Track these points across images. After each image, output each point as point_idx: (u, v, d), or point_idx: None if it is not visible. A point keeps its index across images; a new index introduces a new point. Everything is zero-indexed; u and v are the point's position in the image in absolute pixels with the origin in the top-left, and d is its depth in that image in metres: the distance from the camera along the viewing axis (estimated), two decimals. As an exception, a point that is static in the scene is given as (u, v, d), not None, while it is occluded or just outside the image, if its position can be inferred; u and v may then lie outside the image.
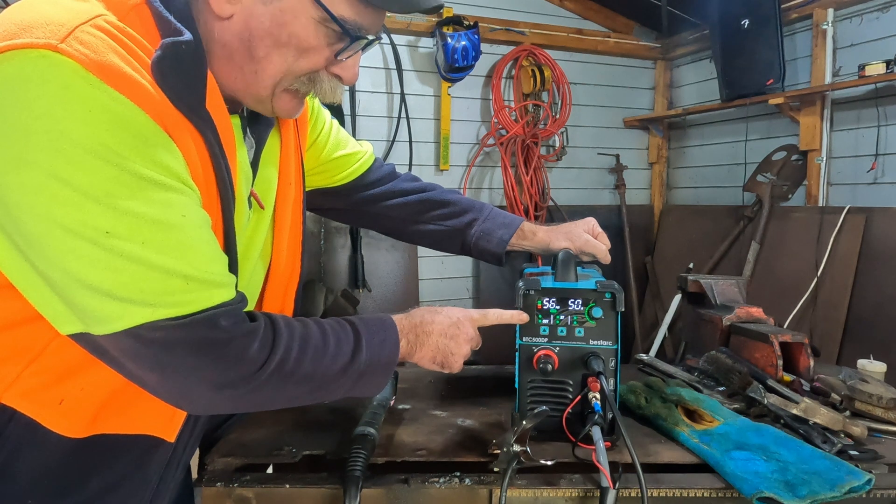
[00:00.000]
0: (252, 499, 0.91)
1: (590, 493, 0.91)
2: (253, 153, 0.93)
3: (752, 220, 3.41)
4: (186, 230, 0.69)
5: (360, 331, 0.86)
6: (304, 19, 0.76)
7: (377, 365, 0.86)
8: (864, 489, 0.87)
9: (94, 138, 0.63)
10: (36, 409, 0.74)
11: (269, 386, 0.76)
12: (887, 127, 2.88)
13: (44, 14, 0.65)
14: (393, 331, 0.90)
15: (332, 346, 0.81)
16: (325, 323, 0.85)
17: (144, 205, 0.66)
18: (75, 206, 0.63)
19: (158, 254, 0.67)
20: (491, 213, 1.32)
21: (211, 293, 0.71)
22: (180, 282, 0.68)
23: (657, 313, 3.94)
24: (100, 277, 0.65)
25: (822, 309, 2.93)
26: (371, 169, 1.28)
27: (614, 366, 1.03)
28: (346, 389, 0.85)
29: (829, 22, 3.10)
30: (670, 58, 4.23)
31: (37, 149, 0.62)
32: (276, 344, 0.76)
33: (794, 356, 1.32)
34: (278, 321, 0.79)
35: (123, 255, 0.65)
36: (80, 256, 0.64)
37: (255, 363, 0.74)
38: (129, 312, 0.66)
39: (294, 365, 0.77)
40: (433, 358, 0.95)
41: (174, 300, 0.68)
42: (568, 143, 4.01)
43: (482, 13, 3.72)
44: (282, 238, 1.00)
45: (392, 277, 3.63)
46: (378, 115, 3.62)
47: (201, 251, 0.71)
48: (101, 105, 0.63)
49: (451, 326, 0.96)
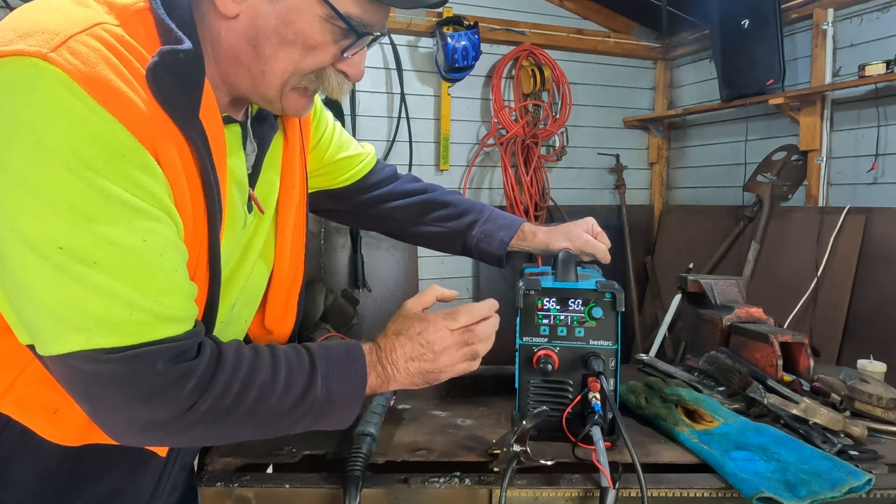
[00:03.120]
0: (252, 499, 0.91)
1: (590, 493, 0.91)
2: (255, 157, 0.93)
3: (752, 220, 3.41)
4: (145, 256, 0.66)
5: (316, 365, 0.79)
6: (309, 17, 0.76)
7: (337, 401, 0.80)
8: (864, 489, 0.87)
9: (69, 150, 0.62)
10: (30, 418, 0.74)
11: (203, 425, 0.72)
12: (887, 127, 2.88)
13: (41, 22, 0.64)
14: (360, 364, 0.83)
15: (281, 383, 0.76)
16: (281, 356, 0.79)
17: (106, 224, 0.64)
18: (36, 217, 0.62)
19: (107, 277, 0.64)
20: (491, 214, 1.32)
21: (155, 326, 0.68)
22: (124, 309, 0.65)
23: (657, 313, 3.94)
24: (43, 294, 0.63)
25: (822, 309, 2.93)
26: (373, 171, 1.29)
27: (614, 366, 1.03)
28: (305, 425, 0.80)
29: (829, 22, 3.10)
30: (670, 58, 4.23)
31: (12, 154, 0.61)
32: (214, 382, 0.71)
33: (794, 356, 1.32)
34: (225, 356, 0.74)
35: (70, 273, 0.63)
36: (31, 269, 0.63)
37: (185, 404, 0.70)
38: (65, 336, 0.64)
39: (233, 402, 0.73)
40: (413, 384, 0.89)
41: (112, 329, 0.65)
42: (568, 143, 4.01)
43: (482, 13, 3.72)
44: (284, 240, 1.00)
45: (392, 277, 3.63)
46: (378, 115, 3.62)
47: (156, 280, 0.68)
48: (82, 118, 0.62)
49: (415, 347, 0.87)
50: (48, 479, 0.76)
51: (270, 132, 0.95)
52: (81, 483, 0.79)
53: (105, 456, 0.79)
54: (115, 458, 0.80)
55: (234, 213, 0.87)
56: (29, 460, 0.75)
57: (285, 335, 1.06)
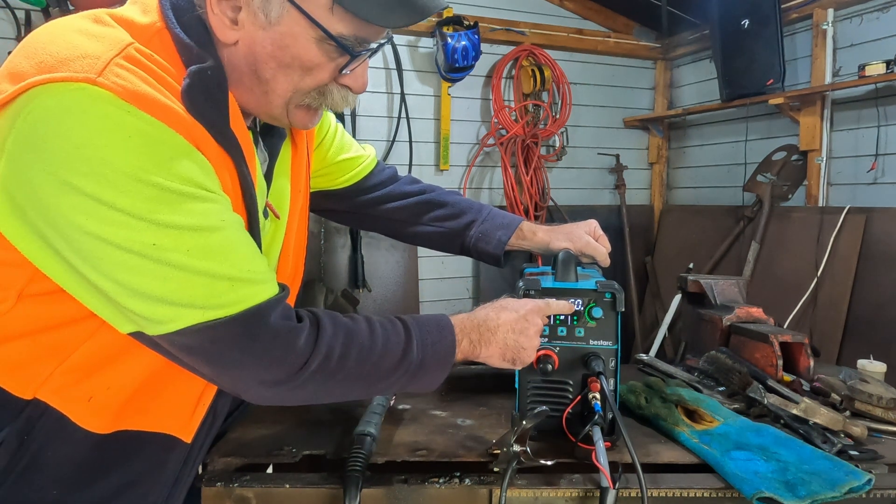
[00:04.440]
0: (252, 499, 0.91)
1: (590, 493, 0.91)
2: (266, 166, 0.95)
3: (752, 220, 3.41)
4: (226, 233, 0.74)
5: (411, 331, 0.87)
6: (303, 41, 0.78)
7: (430, 364, 0.87)
8: (864, 489, 0.87)
9: (132, 162, 0.67)
10: (66, 405, 0.79)
11: (315, 383, 0.80)
12: (887, 127, 2.88)
13: (78, 46, 0.69)
14: (449, 331, 0.90)
15: (379, 346, 0.83)
16: (375, 322, 0.86)
17: (184, 216, 0.70)
18: (122, 225, 0.68)
19: (202, 260, 0.71)
20: (490, 214, 1.32)
21: (255, 290, 0.75)
22: (225, 284, 0.73)
23: (657, 313, 3.94)
24: (151, 286, 0.70)
25: (822, 309, 2.93)
26: (373, 172, 1.30)
27: (614, 366, 1.03)
28: (401, 386, 0.88)
29: (829, 22, 3.10)
30: (670, 58, 4.23)
31: (80, 175, 0.66)
32: (319, 343, 0.79)
33: (794, 356, 1.32)
34: (323, 320, 0.81)
35: (171, 264, 0.70)
36: (131, 268, 0.69)
37: (298, 362, 0.77)
38: (180, 315, 0.71)
39: (338, 364, 0.80)
40: (503, 355, 0.94)
41: (222, 301, 0.73)
42: (568, 143, 4.01)
43: (482, 13, 3.72)
44: (289, 244, 1.02)
45: (392, 277, 3.63)
46: (378, 115, 3.62)
47: (241, 252, 0.75)
48: (138, 130, 0.68)
49: (519, 321, 0.95)
50: (80, 464, 0.80)
51: (279, 140, 0.98)
52: (111, 468, 0.83)
53: (133, 442, 0.84)
54: (142, 444, 0.84)
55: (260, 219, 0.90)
56: (63, 446, 0.80)
57: None
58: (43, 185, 0.67)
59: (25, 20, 2.78)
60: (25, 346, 0.77)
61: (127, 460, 0.84)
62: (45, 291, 0.75)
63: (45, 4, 2.69)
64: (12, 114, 0.68)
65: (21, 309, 0.76)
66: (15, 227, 0.71)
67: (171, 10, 0.77)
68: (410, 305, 3.65)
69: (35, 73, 0.67)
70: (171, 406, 0.86)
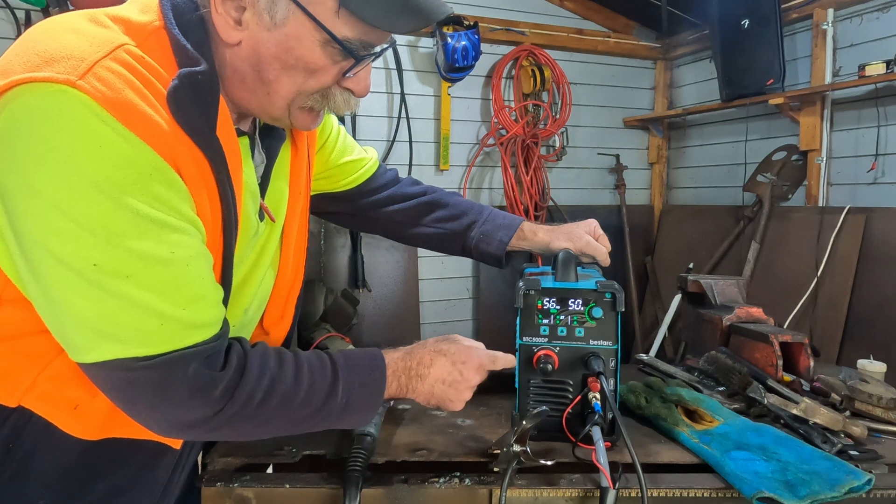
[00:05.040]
0: (252, 499, 0.91)
1: (590, 493, 0.91)
2: (263, 168, 0.94)
3: (752, 220, 3.41)
4: (174, 267, 0.70)
5: (338, 376, 0.84)
6: (308, 43, 0.77)
7: (357, 405, 0.86)
8: (864, 489, 0.87)
9: (100, 173, 0.65)
10: (52, 412, 0.78)
11: (231, 427, 0.78)
12: (887, 127, 2.88)
13: (66, 46, 0.67)
14: (380, 372, 0.89)
15: (303, 390, 0.81)
16: (304, 365, 0.83)
17: (137, 240, 0.67)
18: (70, 237, 0.65)
19: (139, 289, 0.68)
20: (490, 214, 1.32)
21: (185, 334, 0.72)
22: (155, 321, 0.69)
23: (657, 313, 3.94)
24: (80, 307, 0.67)
25: (822, 309, 2.93)
26: (375, 175, 1.29)
27: (614, 366, 1.03)
28: (327, 425, 0.86)
29: (829, 22, 3.10)
30: (670, 58, 4.23)
31: (45, 179, 0.64)
32: (238, 392, 0.76)
33: (794, 356, 1.32)
34: (251, 364, 0.78)
35: (105, 288, 0.67)
36: (66, 286, 0.67)
37: (213, 409, 0.75)
38: (100, 346, 0.69)
39: (256, 410, 0.78)
40: (427, 401, 0.94)
41: (145, 339, 0.69)
42: (568, 143, 4.00)
43: (482, 13, 3.72)
44: (289, 246, 1.01)
45: (392, 277, 3.63)
46: (378, 115, 3.62)
47: (185, 289, 0.72)
48: (111, 142, 0.65)
49: (452, 372, 0.93)
50: (68, 471, 0.79)
51: (278, 142, 0.97)
52: (99, 475, 0.81)
53: (122, 449, 0.83)
54: (131, 451, 0.83)
55: (248, 223, 0.89)
56: (50, 453, 0.78)
57: (282, 336, 1.07)
58: (10, 186, 0.66)
59: (25, 20, 2.78)
60: (6, 352, 0.76)
61: (116, 468, 0.83)
62: (22, 296, 0.73)
63: (44, 4, 2.69)
64: None
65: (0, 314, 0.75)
66: None
67: (170, 10, 0.76)
68: (410, 305, 3.65)
69: (21, 71, 0.65)
70: None
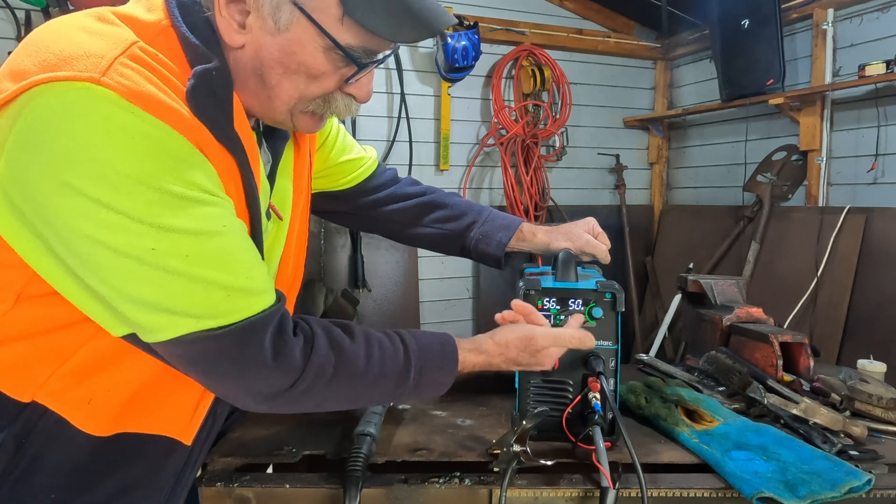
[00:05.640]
0: (252, 499, 0.91)
1: (590, 493, 0.91)
2: (269, 167, 0.95)
3: (752, 220, 3.41)
4: (226, 239, 0.73)
5: (411, 362, 0.88)
6: (311, 49, 0.78)
7: (427, 389, 0.91)
8: (864, 489, 0.87)
9: (135, 165, 0.67)
10: (65, 408, 0.79)
11: (306, 400, 0.82)
12: (887, 127, 2.88)
13: (82, 45, 0.68)
14: (451, 359, 0.92)
15: (374, 372, 0.85)
16: (374, 345, 0.86)
17: (185, 220, 0.69)
18: (121, 229, 0.67)
19: (200, 266, 0.71)
20: (490, 215, 1.32)
21: (250, 301, 0.75)
22: (221, 293, 0.72)
23: (657, 313, 3.94)
24: (147, 292, 0.70)
25: (822, 309, 2.93)
26: (374, 174, 1.30)
27: (614, 366, 1.03)
28: (397, 401, 0.92)
29: (829, 22, 3.10)
30: (670, 58, 4.23)
31: (82, 177, 0.65)
32: (311, 361, 0.79)
33: (794, 356, 1.32)
34: (318, 337, 0.82)
35: (168, 269, 0.69)
36: (128, 273, 0.69)
37: (289, 380, 0.78)
38: (174, 323, 0.71)
39: (327, 386, 0.81)
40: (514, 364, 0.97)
41: (217, 311, 0.73)
42: (568, 143, 4.00)
43: (482, 13, 3.72)
44: (290, 245, 1.02)
45: (392, 277, 3.63)
46: (378, 115, 3.62)
47: (240, 260, 0.75)
48: (141, 132, 0.67)
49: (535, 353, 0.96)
50: (78, 467, 0.80)
51: (282, 141, 0.97)
52: (109, 471, 0.82)
53: (132, 445, 0.84)
54: (142, 447, 0.84)
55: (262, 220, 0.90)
56: (62, 449, 0.79)
57: None
58: (42, 186, 0.66)
59: (25, 20, 2.78)
60: (24, 349, 0.77)
61: (127, 463, 0.83)
62: (44, 293, 0.75)
63: (45, 4, 2.69)
64: (13, 113, 0.67)
65: (19, 311, 0.76)
66: (13, 227, 0.71)
67: (177, 9, 0.76)
68: (410, 305, 3.65)
69: (38, 71, 0.66)
70: (170, 409, 0.86)
